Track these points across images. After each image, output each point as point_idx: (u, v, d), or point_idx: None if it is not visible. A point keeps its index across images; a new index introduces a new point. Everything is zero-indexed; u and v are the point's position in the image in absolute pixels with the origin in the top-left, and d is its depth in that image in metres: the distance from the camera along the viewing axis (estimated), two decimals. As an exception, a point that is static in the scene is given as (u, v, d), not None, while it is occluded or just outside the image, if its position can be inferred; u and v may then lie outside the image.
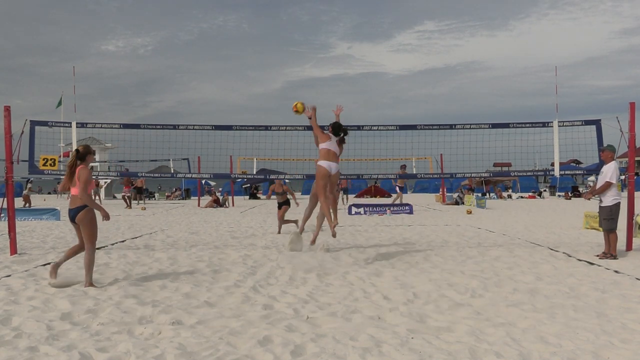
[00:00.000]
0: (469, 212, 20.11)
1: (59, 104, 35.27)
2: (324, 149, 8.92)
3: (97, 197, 29.70)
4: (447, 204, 26.63)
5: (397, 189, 23.69)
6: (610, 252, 8.72)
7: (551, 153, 10.52)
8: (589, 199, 9.84)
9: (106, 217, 6.69)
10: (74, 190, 6.68)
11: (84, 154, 6.75)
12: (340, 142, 9.31)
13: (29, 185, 29.00)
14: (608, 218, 8.76)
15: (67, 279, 6.82)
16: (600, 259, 8.62)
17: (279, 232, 13.24)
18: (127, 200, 26.29)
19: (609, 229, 8.77)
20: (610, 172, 8.78)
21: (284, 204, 13.78)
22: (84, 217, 6.60)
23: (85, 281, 6.70)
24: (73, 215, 6.67)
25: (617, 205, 8.77)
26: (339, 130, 9.23)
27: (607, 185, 8.75)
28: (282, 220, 13.52)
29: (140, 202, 30.85)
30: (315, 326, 4.95)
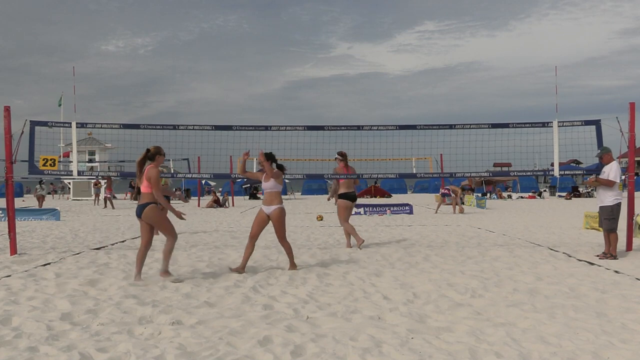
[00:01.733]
0: (461, 212, 20.16)
1: (60, 103, 35.30)
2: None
3: (97, 197, 29.66)
4: (447, 204, 26.61)
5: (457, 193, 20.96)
6: (610, 252, 8.71)
7: (551, 153, 10.52)
8: (590, 183, 9.66)
9: (179, 216, 7.08)
10: (143, 188, 7.03)
11: (153, 154, 7.15)
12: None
13: (41, 185, 28.09)
14: (609, 218, 8.74)
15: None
16: (600, 259, 8.62)
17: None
18: (110, 202, 26.07)
19: (610, 229, 8.76)
20: (613, 171, 8.74)
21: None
22: (149, 213, 6.93)
23: (162, 269, 7.12)
24: (139, 211, 7.00)
25: (618, 205, 8.76)
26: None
27: (611, 183, 8.70)
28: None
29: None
30: (315, 326, 4.95)
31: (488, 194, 33.25)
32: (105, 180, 28.46)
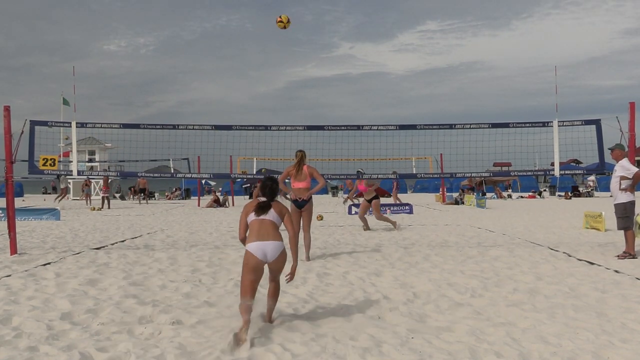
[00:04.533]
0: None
1: (66, 103, 35.27)
2: None
3: (88, 197, 29.51)
4: (447, 204, 26.64)
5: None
6: (628, 252, 8.65)
7: (551, 153, 10.53)
8: (631, 188, 8.89)
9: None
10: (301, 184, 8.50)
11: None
12: None
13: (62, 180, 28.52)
14: (622, 216, 8.66)
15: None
16: (620, 259, 8.55)
17: None
18: (107, 201, 26.05)
19: (624, 227, 8.69)
20: (632, 166, 8.59)
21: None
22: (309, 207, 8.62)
23: (307, 257, 8.58)
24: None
25: (632, 203, 8.69)
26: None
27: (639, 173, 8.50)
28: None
29: (143, 201, 31.01)
30: (315, 326, 4.95)
31: (479, 193, 33.16)
32: (102, 180, 28.43)
